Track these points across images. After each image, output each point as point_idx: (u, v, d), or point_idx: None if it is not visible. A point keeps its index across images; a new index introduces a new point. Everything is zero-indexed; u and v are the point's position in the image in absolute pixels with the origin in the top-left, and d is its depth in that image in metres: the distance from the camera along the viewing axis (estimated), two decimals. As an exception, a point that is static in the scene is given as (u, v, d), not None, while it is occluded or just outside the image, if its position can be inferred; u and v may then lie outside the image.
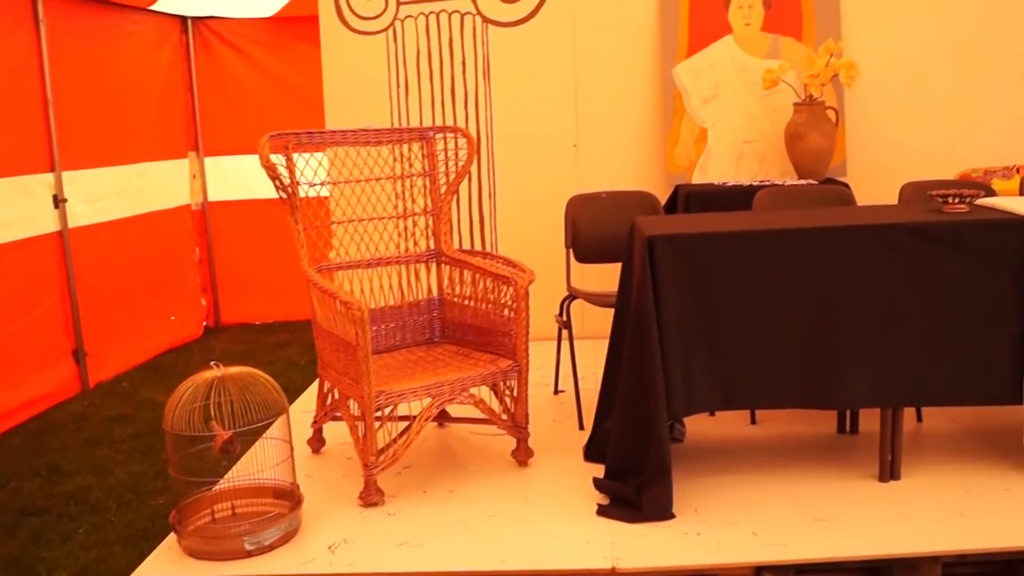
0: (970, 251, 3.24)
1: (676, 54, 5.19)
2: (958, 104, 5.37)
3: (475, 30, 5.32)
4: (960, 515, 3.06)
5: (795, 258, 3.21)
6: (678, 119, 5.19)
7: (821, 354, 3.24)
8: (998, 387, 3.31)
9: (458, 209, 5.45)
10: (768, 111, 5.17)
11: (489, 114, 5.37)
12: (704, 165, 5.16)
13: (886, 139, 5.34)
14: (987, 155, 5.32)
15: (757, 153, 5.18)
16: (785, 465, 3.51)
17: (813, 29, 5.18)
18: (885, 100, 5.32)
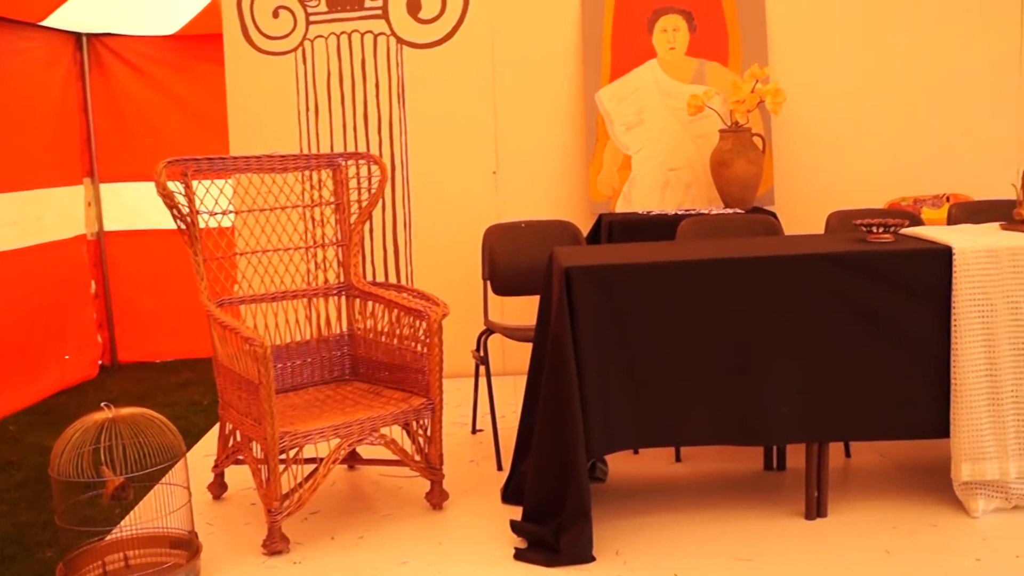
0: (895, 281, 3.37)
1: (599, 78, 5.32)
2: (888, 132, 5.57)
3: (389, 51, 5.38)
4: (885, 552, 3.17)
5: (718, 290, 3.31)
6: (601, 145, 5.30)
7: (745, 388, 3.34)
8: (924, 420, 3.45)
9: (371, 239, 5.48)
10: (694, 137, 5.31)
11: (404, 139, 5.43)
12: (628, 193, 5.28)
13: (815, 167, 5.52)
14: (917, 184, 5.52)
15: (683, 181, 5.32)
16: (710, 503, 3.59)
17: (739, 54, 5.35)
18: (813, 127, 5.51)
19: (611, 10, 5.32)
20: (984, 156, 5.55)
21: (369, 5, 5.36)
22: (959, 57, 5.58)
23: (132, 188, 7.09)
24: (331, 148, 5.45)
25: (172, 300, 7.09)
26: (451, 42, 5.38)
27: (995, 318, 3.37)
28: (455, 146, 5.44)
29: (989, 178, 5.31)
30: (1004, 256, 3.38)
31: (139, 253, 7.16)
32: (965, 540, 3.25)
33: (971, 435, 3.39)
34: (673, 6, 5.35)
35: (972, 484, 3.44)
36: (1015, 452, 3.41)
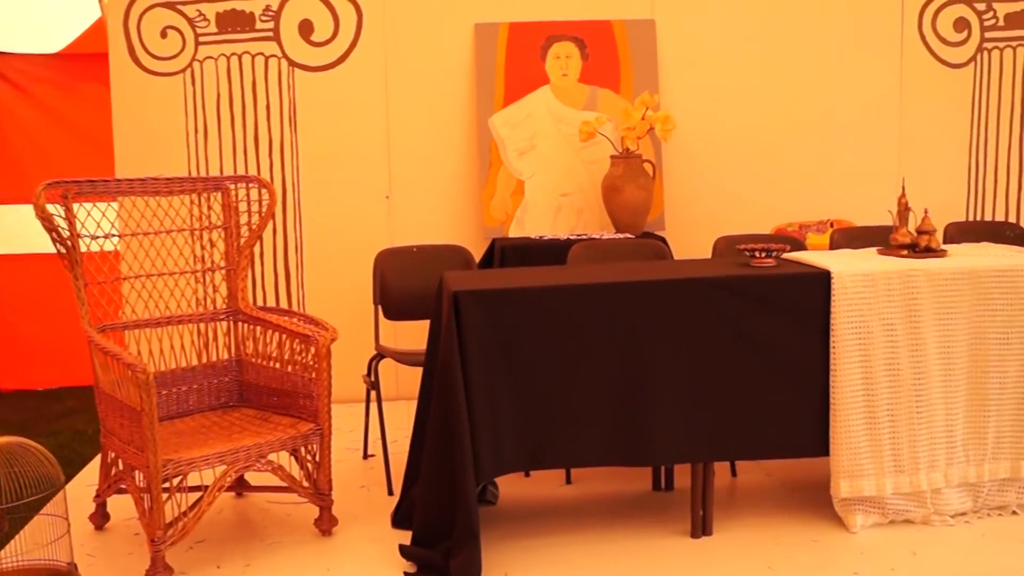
0: (776, 305, 3.50)
1: (492, 104, 5.39)
2: (775, 159, 5.76)
3: (281, 74, 5.38)
4: (768, 568, 3.27)
5: (605, 314, 3.38)
6: (494, 171, 5.37)
7: (632, 410, 3.42)
8: (805, 439, 3.57)
9: (262, 264, 5.45)
10: (586, 163, 5.42)
11: (296, 163, 5.42)
12: (521, 218, 5.35)
13: (704, 192, 5.67)
14: (803, 209, 5.71)
15: (575, 206, 5.41)
16: (598, 524, 3.65)
17: (631, 81, 5.48)
18: (703, 154, 5.66)
19: (504, 36, 5.41)
20: (865, 184, 5.77)
21: (260, 27, 5.35)
22: (843, 89, 5.81)
23: (14, 211, 6.91)
24: (220, 171, 5.40)
25: (56, 326, 6.91)
26: (344, 65, 5.40)
27: (871, 340, 3.51)
28: (348, 170, 5.44)
29: (870, 205, 5.51)
30: (880, 280, 3.53)
31: (22, 277, 6.98)
32: (844, 554, 3.37)
33: (849, 453, 3.52)
34: (566, 33, 5.46)
35: (851, 500, 3.57)
36: (891, 469, 3.55)
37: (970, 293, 3.59)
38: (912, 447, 3.56)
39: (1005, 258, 3.73)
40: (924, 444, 3.57)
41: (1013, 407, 3.66)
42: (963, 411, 3.63)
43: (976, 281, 3.60)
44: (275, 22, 5.35)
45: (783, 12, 5.69)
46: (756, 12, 5.66)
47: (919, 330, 3.54)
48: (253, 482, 3.96)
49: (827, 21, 5.76)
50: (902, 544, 3.45)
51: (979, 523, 3.63)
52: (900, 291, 3.53)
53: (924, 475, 3.58)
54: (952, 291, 3.58)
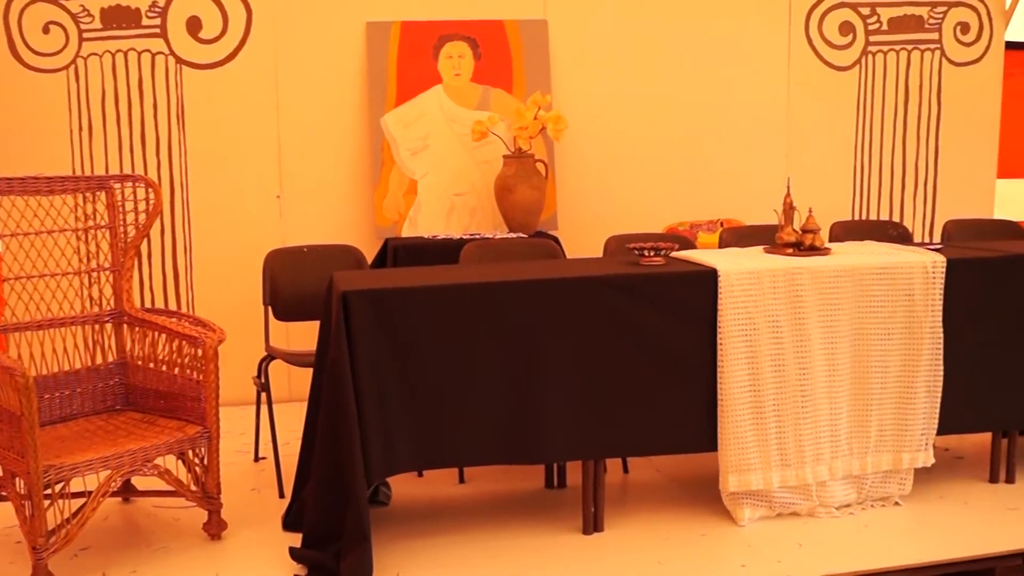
0: (664, 303, 3.57)
1: (384, 103, 5.38)
2: (667, 159, 5.87)
3: (168, 71, 5.28)
4: (658, 563, 3.33)
5: (495, 312, 3.41)
6: (387, 170, 5.36)
7: (524, 408, 3.45)
8: (694, 435, 3.65)
9: (151, 265, 5.35)
10: (479, 163, 5.44)
11: (184, 162, 5.33)
12: (414, 218, 5.35)
13: (597, 192, 5.75)
14: (694, 209, 5.83)
15: (468, 206, 5.43)
16: (491, 523, 3.68)
17: (523, 81, 5.52)
18: (595, 154, 5.74)
19: (396, 35, 5.40)
20: (755, 184, 5.91)
21: (147, 23, 5.25)
22: (732, 90, 5.94)
23: None
24: (106, 170, 5.28)
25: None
26: (233, 63, 5.33)
27: (757, 337, 3.60)
28: (238, 169, 5.37)
29: (759, 204, 5.65)
30: (765, 277, 3.62)
31: None
32: (732, 547, 3.46)
33: (737, 448, 3.61)
34: (458, 33, 5.48)
35: (738, 494, 3.66)
36: (777, 463, 3.65)
37: (853, 290, 3.71)
38: (798, 441, 3.67)
39: (886, 256, 3.86)
40: (809, 438, 3.68)
41: (894, 401, 3.79)
42: (847, 405, 3.75)
43: (858, 278, 3.72)
44: (162, 19, 5.26)
45: (674, 14, 5.81)
46: (647, 14, 5.76)
47: (804, 326, 3.65)
48: (140, 487, 3.88)
49: (717, 23, 5.90)
50: (788, 536, 3.55)
51: (863, 514, 3.76)
52: (785, 289, 3.64)
53: (810, 468, 3.69)
54: (835, 288, 3.69)
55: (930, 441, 3.84)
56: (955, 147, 6.46)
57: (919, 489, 3.91)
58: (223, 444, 3.63)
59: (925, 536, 3.56)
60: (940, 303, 3.78)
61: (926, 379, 3.79)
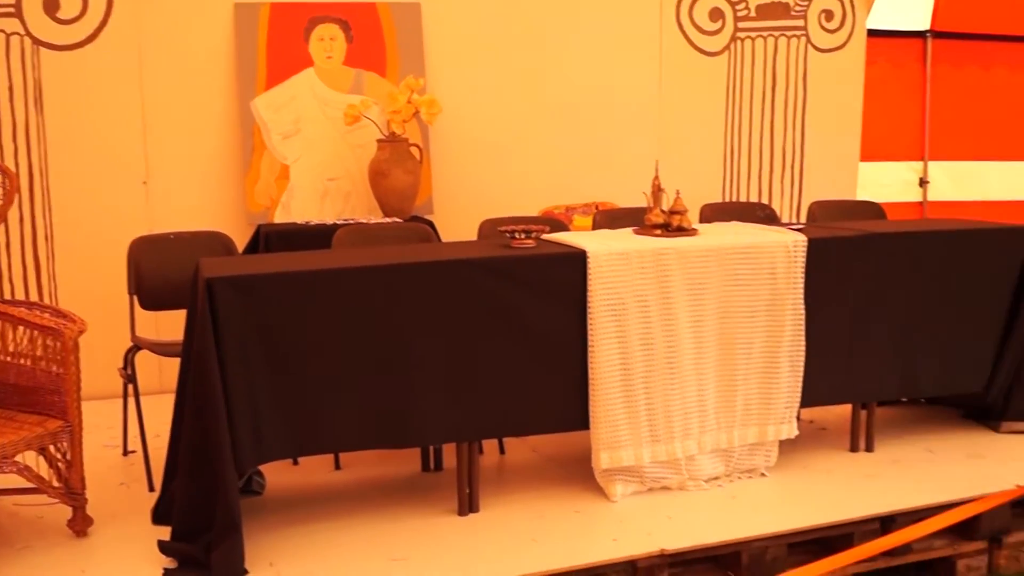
0: (536, 284, 3.61)
1: (255, 86, 5.30)
2: (542, 143, 5.93)
3: (24, 53, 5.09)
4: (532, 540, 3.38)
5: (366, 296, 3.40)
6: (258, 155, 5.29)
7: (396, 392, 3.45)
8: (567, 414, 3.71)
9: (10, 255, 5.17)
10: (352, 147, 5.41)
11: (43, 147, 5.15)
12: (287, 204, 5.29)
13: (472, 176, 5.77)
14: (570, 192, 5.89)
15: (342, 191, 5.40)
16: (367, 508, 3.68)
17: (397, 65, 5.50)
18: (470, 138, 5.76)
19: (266, 17, 5.32)
20: (628, 167, 6.00)
21: (1, 2, 5.06)
22: (605, 75, 6.04)
23: None
24: (-41, 158, 5.09)
25: None
26: (94, 44, 5.16)
27: (626, 316, 3.68)
28: (101, 155, 5.21)
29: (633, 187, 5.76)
30: (634, 258, 3.70)
31: None
32: (604, 523, 3.53)
33: (608, 426, 3.68)
34: (330, 15, 5.44)
35: (611, 471, 3.73)
36: (648, 439, 3.74)
37: (718, 269, 3.82)
38: (667, 417, 3.76)
39: (750, 236, 3.98)
40: (678, 414, 3.78)
41: (759, 376, 3.92)
42: (714, 381, 3.86)
43: (723, 258, 3.82)
44: (17, -2, 5.09)
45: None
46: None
47: (671, 305, 3.74)
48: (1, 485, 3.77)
49: (590, 8, 5.98)
50: (659, 510, 3.64)
51: (731, 486, 3.88)
52: (653, 269, 3.71)
53: (679, 443, 3.79)
54: (702, 268, 3.79)
55: (793, 414, 3.99)
56: (820, 131, 6.69)
57: (784, 460, 4.05)
58: (91, 438, 3.55)
59: (789, 505, 3.69)
60: (802, 281, 3.92)
61: (789, 354, 3.93)
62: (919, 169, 9.17)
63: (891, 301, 4.14)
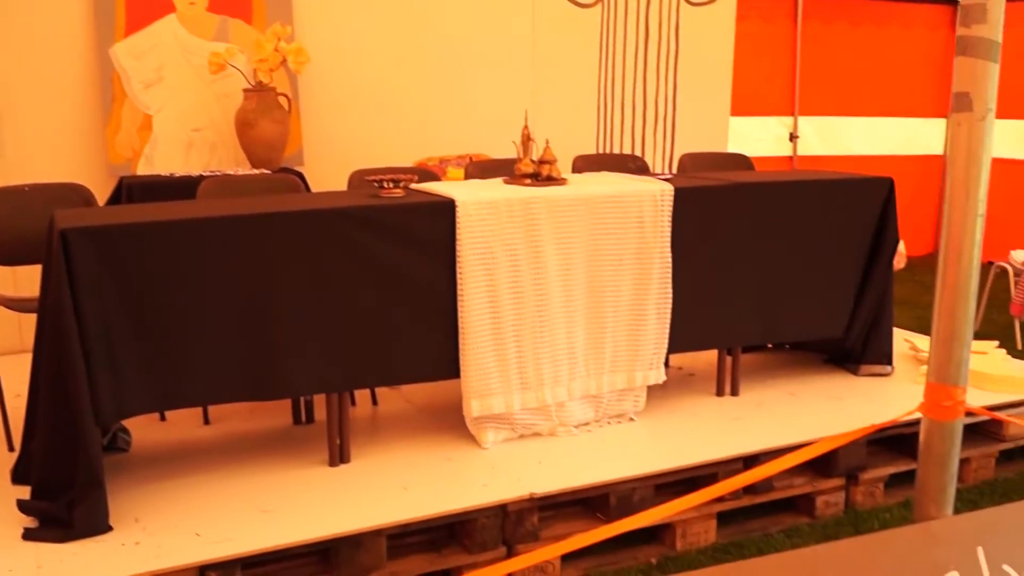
0: (404, 234, 3.61)
1: (113, 32, 5.15)
2: (415, 95, 5.91)
3: None
4: (403, 488, 3.42)
5: (229, 247, 3.35)
6: (119, 105, 5.15)
7: (263, 344, 3.43)
8: (438, 363, 3.74)
9: None
10: (218, 97, 5.31)
11: None
12: (150, 155, 5.18)
13: (344, 127, 5.72)
14: (444, 144, 5.91)
15: (208, 142, 5.31)
16: (236, 462, 3.67)
17: (264, 12, 5.41)
18: (341, 88, 5.71)
19: (124, -39, 5.18)
20: (502, 119, 6.05)
21: None
22: (479, 26, 6.04)
23: None
24: None
25: None
26: (-61, -12, 4.97)
27: (496, 265, 3.72)
28: (-51, 104, 5.04)
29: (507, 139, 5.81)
30: (502, 207, 3.73)
31: None
32: (475, 469, 3.59)
33: (479, 374, 3.73)
34: (192, -40, 5.31)
35: (482, 419, 3.79)
36: (518, 387, 3.80)
37: (587, 218, 3.88)
38: (537, 365, 3.83)
39: (619, 185, 4.05)
40: (548, 361, 3.85)
41: (627, 323, 4.02)
42: (583, 329, 3.94)
43: (592, 207, 3.89)
44: None
45: (417, -53, 5.83)
46: (390, -54, 5.76)
47: (540, 254, 3.79)
48: None
49: (462, -42, 5.97)
50: (530, 455, 3.71)
51: (600, 431, 3.98)
52: (522, 218, 3.76)
53: (549, 390, 3.87)
54: (570, 217, 3.85)
55: (661, 360, 4.10)
56: (692, 85, 6.82)
57: (653, 405, 4.18)
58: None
59: (657, 448, 3.81)
60: (668, 229, 4.02)
61: (656, 302, 4.03)
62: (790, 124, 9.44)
63: (755, 250, 4.27)
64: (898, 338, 5.14)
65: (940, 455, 3.31)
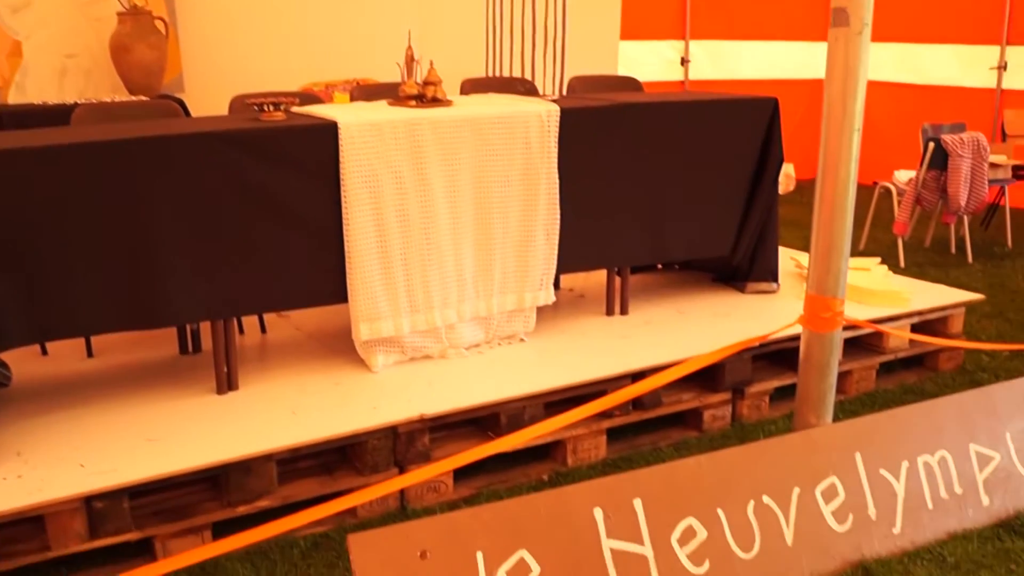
0: (286, 158, 3.58)
1: (-24, -45, 4.97)
2: (299, 18, 5.82)
3: None
4: (291, 413, 3.44)
5: (103, 174, 3.28)
6: (-15, 30, 4.99)
7: (144, 272, 3.38)
8: (324, 288, 3.75)
9: None
10: (91, 21, 5.16)
11: None
12: (21, 83, 5.02)
13: (226, 53, 5.62)
14: (331, 70, 5.84)
15: (82, 68, 5.16)
16: (121, 393, 3.64)
17: (137, -67, 5.25)
18: (222, 12, 5.59)
19: None
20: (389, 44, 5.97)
21: None
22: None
23: None
24: None
25: None
26: None
27: (381, 188, 3.72)
28: None
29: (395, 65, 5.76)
30: (386, 129, 3.73)
31: None
32: (365, 392, 3.63)
33: (367, 298, 3.75)
34: None
35: (371, 342, 3.82)
36: (407, 310, 3.83)
37: (473, 140, 3.90)
38: (425, 288, 3.86)
39: (504, 106, 4.07)
40: (436, 284, 3.89)
41: (516, 245, 4.07)
42: (471, 251, 3.98)
43: (477, 128, 3.90)
44: None
45: None
46: None
47: (426, 176, 3.80)
48: None
49: None
50: (420, 377, 3.76)
51: (491, 352, 4.04)
52: (406, 140, 3.76)
53: (438, 313, 3.91)
54: (456, 138, 3.86)
55: (550, 281, 4.16)
56: (582, 8, 6.81)
57: (543, 326, 4.25)
58: None
59: (547, 367, 3.88)
60: (555, 150, 4.06)
61: (544, 223, 4.08)
62: (681, 49, 9.54)
63: (641, 170, 4.34)
64: (785, 257, 5.30)
65: (819, 365, 3.46)
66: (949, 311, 4.75)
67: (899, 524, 3.16)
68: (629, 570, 2.75)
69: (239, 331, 4.24)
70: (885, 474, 3.21)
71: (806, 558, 2.99)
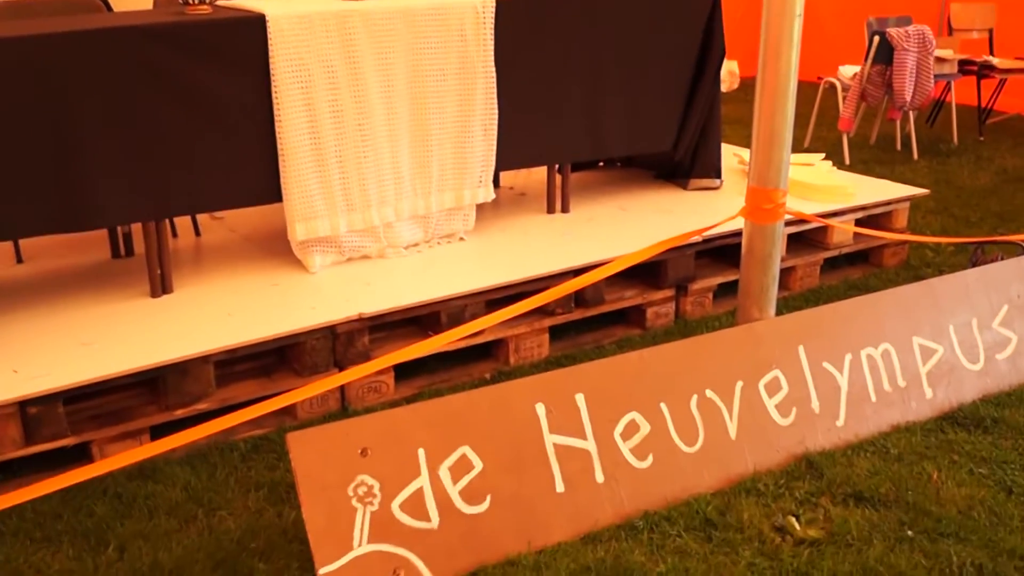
0: (213, 53, 3.51)
1: None
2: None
3: None
4: (228, 314, 3.44)
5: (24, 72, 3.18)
6: None
7: (70, 174, 3.33)
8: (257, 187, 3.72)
9: None
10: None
11: None
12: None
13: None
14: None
15: (-3, -36, 5.00)
16: (53, 298, 3.61)
17: None
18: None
19: None
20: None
21: None
22: None
23: None
24: None
25: None
26: None
27: (313, 84, 3.67)
28: None
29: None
30: (316, 22, 3.66)
31: None
32: (302, 293, 3.63)
33: (302, 197, 3.73)
34: None
35: (308, 243, 3.81)
36: (343, 209, 3.82)
37: (406, 32, 3.84)
38: (362, 186, 3.84)
39: (438, -2, 4.02)
40: (373, 182, 3.87)
41: (453, 141, 4.05)
42: (408, 147, 3.95)
43: (411, 20, 3.85)
44: None
45: None
46: None
47: (359, 71, 3.75)
48: None
49: None
50: (359, 277, 3.76)
51: (430, 251, 4.05)
52: (338, 33, 3.70)
53: (375, 211, 3.90)
54: (388, 31, 3.80)
55: (489, 177, 4.16)
56: None
57: (483, 224, 4.26)
58: None
59: (487, 265, 3.90)
60: (491, 43, 4.02)
61: (482, 118, 4.06)
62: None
63: (580, 62, 4.32)
64: (728, 154, 5.33)
65: (762, 257, 3.50)
66: (893, 206, 4.82)
67: (843, 417, 3.23)
68: (572, 465, 2.80)
69: (172, 234, 4.20)
70: (828, 367, 3.28)
71: (750, 451, 3.06)
